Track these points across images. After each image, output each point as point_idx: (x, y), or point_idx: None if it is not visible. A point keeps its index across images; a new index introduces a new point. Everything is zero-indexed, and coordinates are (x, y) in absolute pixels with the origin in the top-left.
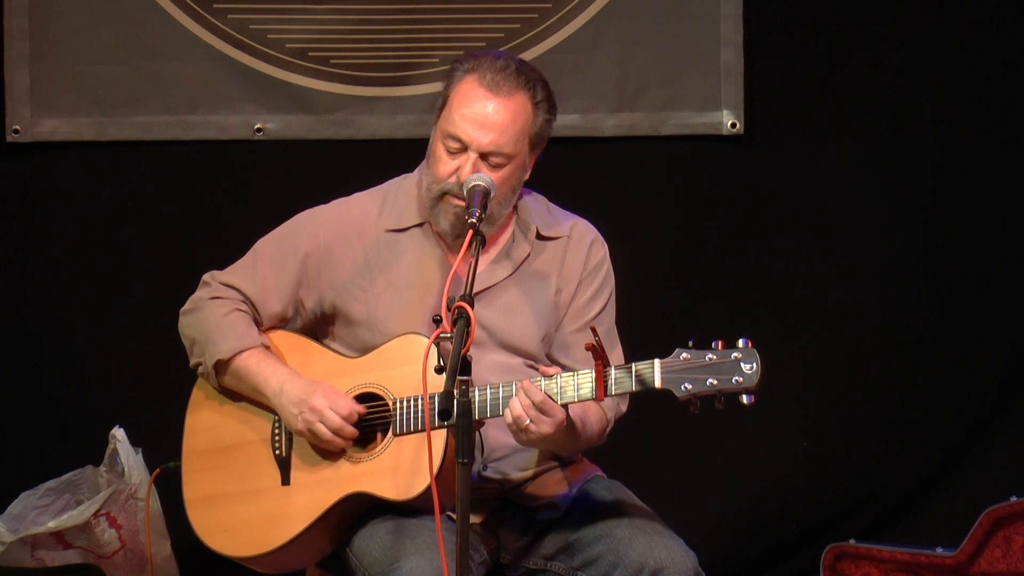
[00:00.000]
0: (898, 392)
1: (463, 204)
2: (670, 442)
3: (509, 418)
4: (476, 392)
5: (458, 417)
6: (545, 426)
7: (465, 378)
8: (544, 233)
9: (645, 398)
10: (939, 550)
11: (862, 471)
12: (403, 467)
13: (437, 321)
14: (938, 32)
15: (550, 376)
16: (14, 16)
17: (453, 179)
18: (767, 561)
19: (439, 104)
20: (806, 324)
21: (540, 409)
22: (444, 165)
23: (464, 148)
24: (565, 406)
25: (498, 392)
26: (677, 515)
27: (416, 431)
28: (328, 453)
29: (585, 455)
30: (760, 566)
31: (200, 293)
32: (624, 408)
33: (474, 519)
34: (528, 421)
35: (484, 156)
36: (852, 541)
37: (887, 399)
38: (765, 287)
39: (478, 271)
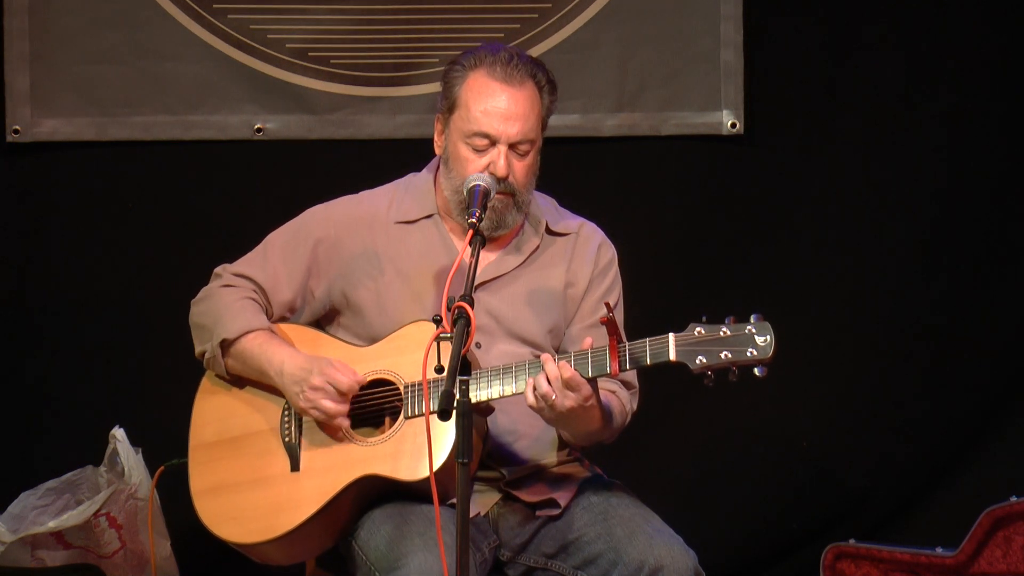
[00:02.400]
0: (898, 392)
1: (507, 195)
2: (670, 442)
3: (531, 397)
4: (499, 371)
5: (458, 417)
6: (570, 401)
7: (465, 378)
8: (553, 228)
9: (648, 396)
10: (939, 550)
11: (862, 471)
12: (413, 449)
13: (437, 321)
14: (938, 32)
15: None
16: (14, 16)
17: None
18: (767, 561)
19: (444, 107)
20: (806, 324)
21: (567, 384)
22: (473, 164)
23: (492, 143)
24: (594, 384)
25: (523, 367)
26: (677, 515)
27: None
28: (338, 437)
29: (586, 456)
30: (760, 566)
31: (212, 284)
32: (635, 406)
33: (475, 512)
34: (554, 396)
35: (512, 146)
36: (852, 541)
37: (887, 399)
38: (765, 287)
39: (488, 262)
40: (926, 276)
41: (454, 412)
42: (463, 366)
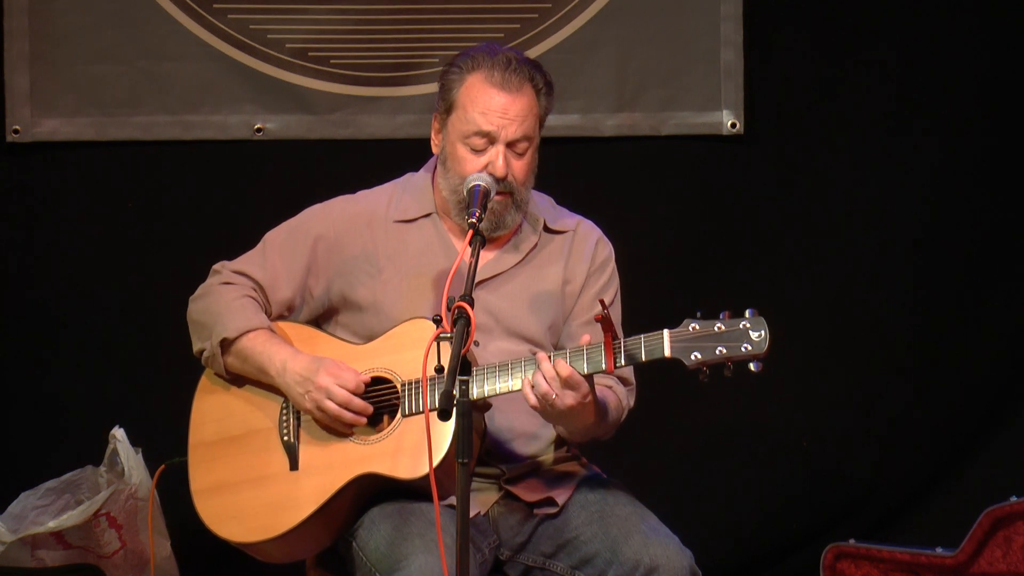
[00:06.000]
0: (898, 392)
1: (506, 194)
2: (669, 442)
3: (532, 397)
4: (495, 368)
5: (458, 417)
6: (570, 399)
7: (465, 378)
8: (551, 226)
9: (646, 395)
10: (939, 550)
11: (862, 471)
12: (411, 447)
13: (437, 321)
14: (937, 33)
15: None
16: (14, 16)
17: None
18: (767, 561)
19: (441, 107)
20: (805, 323)
21: (566, 383)
22: (471, 164)
23: (491, 142)
24: (589, 379)
25: (519, 364)
26: (677, 515)
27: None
28: (336, 436)
29: (584, 454)
30: (760, 566)
31: (210, 280)
32: (632, 402)
33: (474, 511)
34: (554, 395)
35: (509, 145)
36: (852, 541)
37: (887, 399)
38: (764, 287)
39: (487, 260)
40: (926, 275)
41: (453, 412)
42: (463, 366)
